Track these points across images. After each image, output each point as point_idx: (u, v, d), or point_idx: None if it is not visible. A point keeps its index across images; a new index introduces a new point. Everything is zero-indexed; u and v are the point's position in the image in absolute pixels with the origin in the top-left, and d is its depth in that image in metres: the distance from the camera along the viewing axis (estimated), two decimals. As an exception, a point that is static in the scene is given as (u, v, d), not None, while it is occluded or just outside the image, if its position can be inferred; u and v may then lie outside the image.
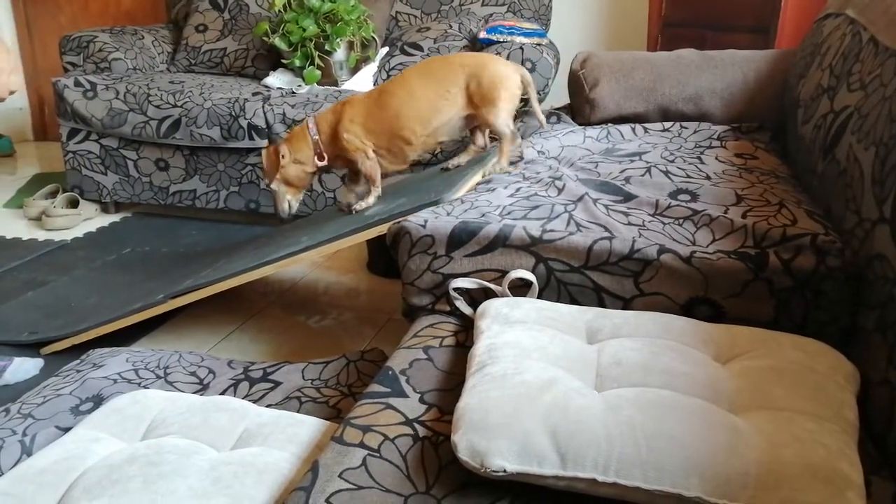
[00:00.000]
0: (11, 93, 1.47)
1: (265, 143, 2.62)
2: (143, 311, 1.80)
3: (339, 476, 0.86)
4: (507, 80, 1.67)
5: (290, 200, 1.84)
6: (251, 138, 2.62)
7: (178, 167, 2.76)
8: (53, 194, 2.97)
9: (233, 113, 2.60)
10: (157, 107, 2.66)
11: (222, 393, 1.38)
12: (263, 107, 2.60)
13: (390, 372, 1.09)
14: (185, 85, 2.76)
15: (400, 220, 1.32)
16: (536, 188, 1.43)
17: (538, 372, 0.92)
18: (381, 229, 1.57)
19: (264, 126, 2.60)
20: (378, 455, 0.90)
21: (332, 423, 1.13)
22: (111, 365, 1.48)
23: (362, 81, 2.86)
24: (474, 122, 1.73)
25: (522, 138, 1.83)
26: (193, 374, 1.48)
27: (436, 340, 1.19)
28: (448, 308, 1.29)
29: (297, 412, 1.23)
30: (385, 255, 2.31)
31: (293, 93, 2.74)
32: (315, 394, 1.36)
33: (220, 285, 1.75)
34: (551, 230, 1.21)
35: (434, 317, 1.28)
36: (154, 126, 2.66)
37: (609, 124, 1.96)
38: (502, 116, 1.66)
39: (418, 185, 1.81)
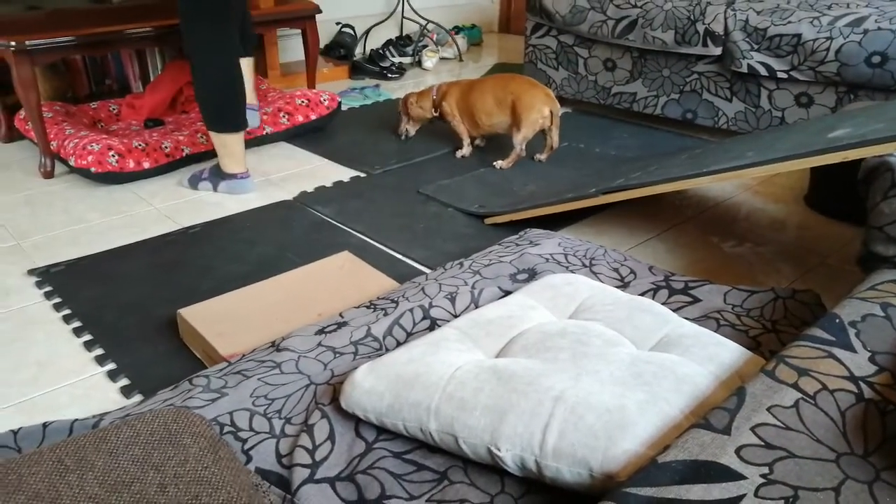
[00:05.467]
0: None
1: (718, 51, 2.49)
2: (574, 201, 1.92)
3: (767, 409, 0.83)
4: (534, 110, 2.35)
5: (408, 128, 2.70)
6: (705, 45, 2.50)
7: (624, 69, 2.80)
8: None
9: (692, 17, 2.50)
10: (618, 6, 2.69)
11: (641, 294, 1.43)
12: (725, 11, 2.45)
13: (837, 320, 0.99)
14: (646, -15, 2.74)
15: (882, 154, 1.15)
16: None
17: None
18: (846, 155, 1.37)
19: (721, 33, 2.46)
20: (812, 402, 0.84)
21: (755, 355, 1.09)
22: (545, 245, 1.63)
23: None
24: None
25: None
26: (616, 270, 1.55)
27: (899, 298, 1.04)
28: (921, 265, 1.10)
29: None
30: (833, 189, 2.05)
31: (761, -2, 2.52)
32: (734, 320, 1.31)
33: (653, 188, 1.76)
34: None
35: (900, 272, 1.11)
36: (610, 26, 2.72)
37: None
38: (520, 136, 2.38)
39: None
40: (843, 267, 1.80)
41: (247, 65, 2.39)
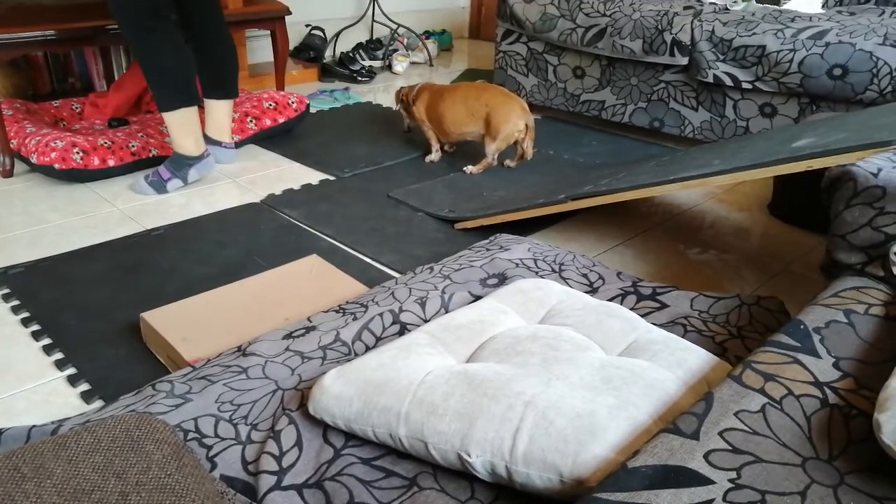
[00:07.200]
0: None
1: (685, 61, 2.53)
2: (544, 207, 1.93)
3: (735, 414, 0.83)
4: (510, 123, 2.34)
5: (406, 122, 2.71)
6: (672, 54, 2.54)
7: (593, 77, 2.83)
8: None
9: (659, 26, 2.54)
10: (587, 14, 2.72)
11: (610, 300, 1.44)
12: (692, 22, 2.49)
13: (802, 326, 1.00)
14: (616, -6, 2.77)
15: (845, 163, 1.17)
16: None
17: None
18: (811, 164, 1.40)
19: (688, 43, 2.50)
20: (779, 407, 0.85)
21: (721, 361, 1.10)
22: (515, 250, 1.63)
23: (808, 2, 2.54)
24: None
25: None
26: (585, 275, 1.55)
27: (860, 306, 1.06)
28: (881, 273, 1.13)
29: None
30: (795, 197, 2.10)
31: (727, 9, 2.56)
32: (701, 326, 1.33)
33: (621, 195, 1.77)
34: None
35: (861, 279, 1.14)
36: (580, 34, 2.74)
37: None
38: (493, 147, 2.39)
39: (866, 120, 1.57)
40: (806, 274, 1.84)
41: (226, 106, 2.39)
